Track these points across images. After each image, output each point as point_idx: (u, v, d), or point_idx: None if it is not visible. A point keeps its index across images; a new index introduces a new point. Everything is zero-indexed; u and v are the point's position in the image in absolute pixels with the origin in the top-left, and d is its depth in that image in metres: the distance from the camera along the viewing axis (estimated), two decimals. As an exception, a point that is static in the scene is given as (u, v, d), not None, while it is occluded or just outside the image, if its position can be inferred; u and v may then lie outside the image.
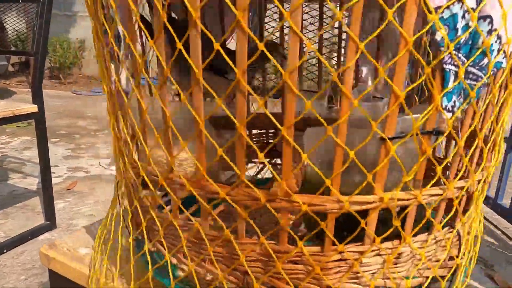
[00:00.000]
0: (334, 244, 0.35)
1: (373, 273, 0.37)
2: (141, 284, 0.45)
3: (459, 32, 0.32)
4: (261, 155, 0.32)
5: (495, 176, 2.23)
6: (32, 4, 1.60)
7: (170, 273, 0.42)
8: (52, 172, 2.41)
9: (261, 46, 0.29)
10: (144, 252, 0.44)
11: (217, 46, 0.30)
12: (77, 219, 1.84)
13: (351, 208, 0.33)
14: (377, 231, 0.35)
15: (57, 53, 6.28)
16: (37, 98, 1.57)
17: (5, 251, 1.53)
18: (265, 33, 0.80)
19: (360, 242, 0.36)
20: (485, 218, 2.10)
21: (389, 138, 0.32)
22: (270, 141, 0.81)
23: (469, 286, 1.47)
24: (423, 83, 0.39)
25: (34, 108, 1.55)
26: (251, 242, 0.36)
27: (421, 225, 0.37)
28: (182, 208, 0.39)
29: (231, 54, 0.31)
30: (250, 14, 0.53)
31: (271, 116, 0.31)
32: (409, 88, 0.32)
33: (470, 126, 0.37)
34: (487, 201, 2.12)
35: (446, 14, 0.31)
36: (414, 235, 0.38)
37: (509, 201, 1.90)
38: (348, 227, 0.35)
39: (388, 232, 0.35)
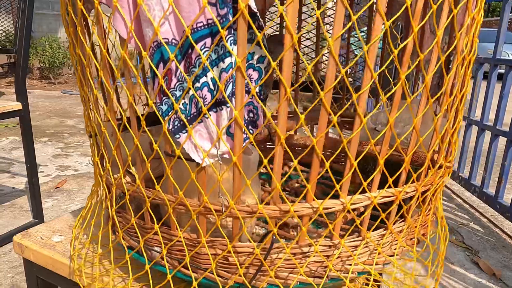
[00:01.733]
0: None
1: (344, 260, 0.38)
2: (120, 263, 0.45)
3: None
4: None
5: (482, 165, 2.25)
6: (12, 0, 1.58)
7: (144, 254, 0.42)
8: (41, 171, 2.41)
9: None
10: (118, 240, 0.45)
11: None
12: (65, 217, 1.83)
13: (323, 212, 0.34)
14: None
15: (46, 53, 6.22)
16: (21, 95, 1.56)
17: (-8, 249, 1.52)
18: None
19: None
20: (472, 206, 2.12)
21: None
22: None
23: (455, 273, 1.49)
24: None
25: (18, 105, 1.54)
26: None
27: (377, 222, 0.38)
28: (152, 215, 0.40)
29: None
30: None
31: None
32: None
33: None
34: (473, 189, 2.15)
35: None
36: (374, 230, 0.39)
37: (494, 190, 1.92)
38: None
39: (352, 228, 0.35)
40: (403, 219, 0.42)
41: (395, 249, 0.41)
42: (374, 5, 0.58)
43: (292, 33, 0.28)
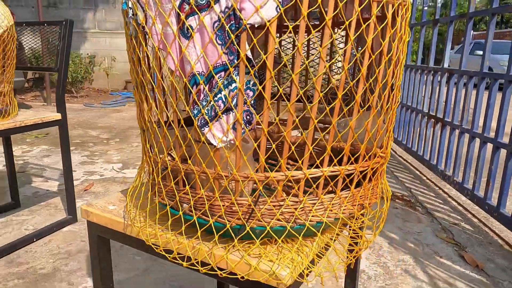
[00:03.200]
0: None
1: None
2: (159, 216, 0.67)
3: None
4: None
5: (474, 169, 2.38)
6: (54, 27, 1.85)
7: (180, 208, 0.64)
8: (70, 176, 2.64)
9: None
10: (160, 200, 0.66)
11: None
12: (94, 215, 2.06)
13: (291, 178, 0.55)
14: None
15: (69, 68, 6.59)
16: (60, 107, 1.81)
17: (35, 240, 1.76)
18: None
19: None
20: (465, 209, 2.28)
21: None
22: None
23: (442, 265, 1.66)
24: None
25: (58, 116, 1.79)
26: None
27: (326, 189, 0.59)
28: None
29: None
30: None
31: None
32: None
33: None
34: (466, 192, 2.30)
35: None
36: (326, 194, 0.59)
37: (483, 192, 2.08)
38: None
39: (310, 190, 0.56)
40: (348, 189, 0.62)
41: (344, 210, 0.61)
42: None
43: (270, 69, 0.50)
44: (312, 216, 0.59)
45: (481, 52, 10.59)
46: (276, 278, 0.56)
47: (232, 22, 0.50)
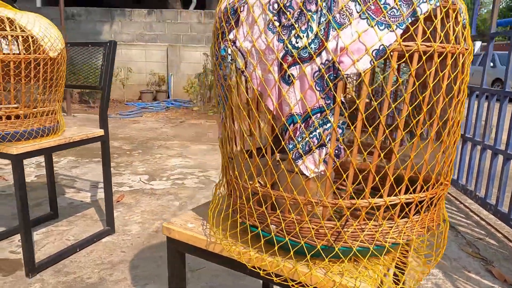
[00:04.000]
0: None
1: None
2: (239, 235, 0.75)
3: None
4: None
5: (496, 185, 2.45)
6: (98, 48, 1.96)
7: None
8: (100, 188, 2.75)
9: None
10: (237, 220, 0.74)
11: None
12: (130, 225, 2.15)
13: (374, 205, 0.63)
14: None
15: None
16: (104, 123, 1.91)
17: (78, 250, 1.84)
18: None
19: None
20: (488, 223, 2.33)
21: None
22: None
23: (471, 279, 1.72)
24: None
25: (101, 132, 1.89)
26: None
27: (403, 213, 0.66)
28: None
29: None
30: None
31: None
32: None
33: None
34: (489, 207, 2.36)
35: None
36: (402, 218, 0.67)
37: (507, 208, 2.14)
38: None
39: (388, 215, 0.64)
40: (418, 213, 0.70)
41: (413, 231, 0.69)
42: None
43: (361, 112, 0.59)
44: (390, 238, 0.66)
45: (491, 64, 10.60)
46: (359, 293, 0.64)
47: (330, 72, 0.58)
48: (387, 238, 0.66)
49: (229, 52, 0.68)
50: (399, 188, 0.64)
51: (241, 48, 0.65)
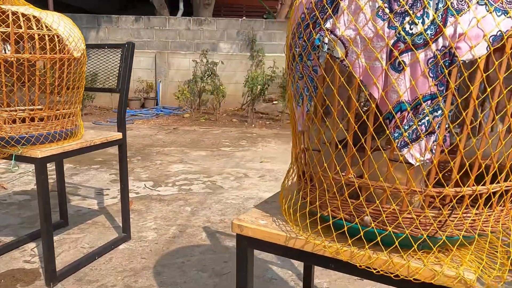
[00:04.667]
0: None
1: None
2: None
3: None
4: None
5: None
6: (116, 50, 1.91)
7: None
8: (106, 194, 2.68)
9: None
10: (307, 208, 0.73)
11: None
12: (145, 232, 2.09)
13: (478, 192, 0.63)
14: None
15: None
16: (121, 127, 1.86)
17: (97, 257, 1.78)
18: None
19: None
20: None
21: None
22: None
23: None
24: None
25: (119, 135, 1.84)
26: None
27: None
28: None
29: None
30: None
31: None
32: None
33: None
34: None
35: None
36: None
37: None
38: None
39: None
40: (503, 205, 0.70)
41: (508, 219, 0.69)
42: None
43: (474, 99, 0.59)
44: (490, 226, 0.66)
45: None
46: (463, 282, 0.63)
47: (446, 58, 0.58)
48: (487, 226, 0.66)
49: (326, 41, 0.67)
50: (501, 176, 0.65)
51: (342, 36, 0.64)
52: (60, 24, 1.48)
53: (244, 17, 8.07)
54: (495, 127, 0.64)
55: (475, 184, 0.64)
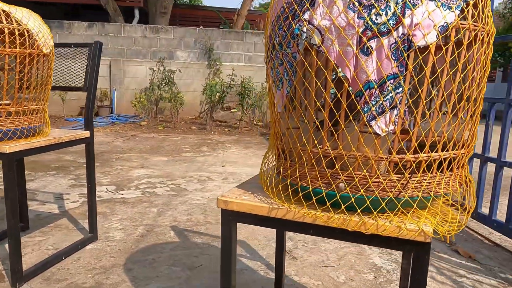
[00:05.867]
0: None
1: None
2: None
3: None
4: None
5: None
6: (82, 49, 1.92)
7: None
8: (67, 199, 2.62)
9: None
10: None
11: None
12: (112, 232, 2.08)
13: (432, 159, 0.75)
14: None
15: (22, 93, 6.29)
16: (89, 125, 1.86)
17: (64, 258, 1.75)
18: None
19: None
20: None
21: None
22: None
23: (441, 258, 1.92)
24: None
25: (87, 133, 1.84)
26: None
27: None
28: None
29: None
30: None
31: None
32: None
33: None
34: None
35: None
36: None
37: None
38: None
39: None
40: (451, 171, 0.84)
41: (456, 183, 0.83)
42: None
43: (427, 79, 0.71)
44: (441, 188, 0.79)
45: None
46: (422, 234, 0.75)
47: (405, 44, 0.70)
48: (439, 188, 0.79)
49: (304, 30, 0.77)
50: (449, 145, 0.78)
51: (319, 26, 0.75)
52: (29, 19, 1.48)
53: (201, 27, 8.14)
54: (444, 105, 0.77)
55: (430, 151, 0.77)
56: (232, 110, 7.65)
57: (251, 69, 7.86)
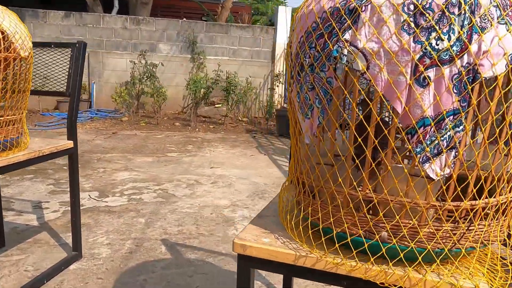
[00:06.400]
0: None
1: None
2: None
3: None
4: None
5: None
6: (64, 49, 1.74)
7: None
8: (46, 208, 2.44)
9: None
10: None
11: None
12: (97, 248, 1.92)
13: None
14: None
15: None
16: (72, 134, 1.69)
17: (45, 281, 1.59)
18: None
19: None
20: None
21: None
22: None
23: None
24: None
25: (71, 143, 1.67)
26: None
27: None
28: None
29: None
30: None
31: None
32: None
33: None
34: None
35: None
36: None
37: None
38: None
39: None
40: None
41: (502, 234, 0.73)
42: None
43: (492, 114, 0.60)
44: (500, 236, 0.69)
45: None
46: (478, 292, 0.65)
47: (470, 75, 0.59)
48: (495, 236, 0.69)
49: (345, 53, 0.65)
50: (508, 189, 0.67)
51: (364, 49, 0.63)
52: (4, 19, 1.30)
53: (184, 19, 7.89)
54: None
55: (488, 197, 0.66)
56: (216, 105, 7.48)
57: (236, 63, 7.68)
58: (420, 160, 0.63)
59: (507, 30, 0.59)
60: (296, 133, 0.81)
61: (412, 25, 0.60)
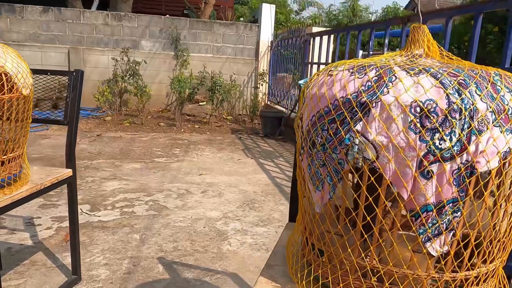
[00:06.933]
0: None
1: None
2: None
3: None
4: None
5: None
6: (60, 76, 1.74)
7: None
8: (38, 224, 2.45)
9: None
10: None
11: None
12: (95, 270, 1.96)
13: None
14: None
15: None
16: (71, 162, 1.71)
17: (48, 309, 1.62)
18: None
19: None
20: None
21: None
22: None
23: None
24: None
25: (69, 172, 1.69)
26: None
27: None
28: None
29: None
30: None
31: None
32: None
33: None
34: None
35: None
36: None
37: None
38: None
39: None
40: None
41: None
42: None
43: (486, 202, 0.69)
44: (487, 298, 0.78)
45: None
46: None
47: (468, 170, 0.67)
48: (484, 298, 0.78)
49: (356, 142, 0.71)
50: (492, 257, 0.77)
51: (374, 141, 0.70)
52: (7, 59, 1.31)
53: (167, 15, 7.79)
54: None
55: (479, 267, 0.75)
56: (200, 103, 7.47)
57: (219, 61, 7.68)
58: (423, 239, 0.71)
59: (500, 132, 0.67)
60: (303, 196, 0.88)
61: (418, 125, 0.67)
